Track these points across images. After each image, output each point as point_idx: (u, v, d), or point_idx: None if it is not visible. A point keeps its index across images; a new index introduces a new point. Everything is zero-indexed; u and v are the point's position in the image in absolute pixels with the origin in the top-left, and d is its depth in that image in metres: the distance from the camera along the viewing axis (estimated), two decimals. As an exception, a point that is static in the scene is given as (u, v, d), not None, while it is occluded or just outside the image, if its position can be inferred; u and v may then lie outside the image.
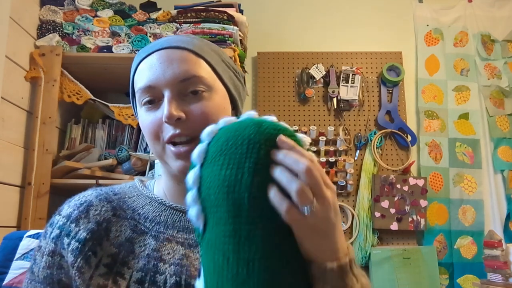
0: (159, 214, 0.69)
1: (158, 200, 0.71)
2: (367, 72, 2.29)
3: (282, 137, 0.50)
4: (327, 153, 2.15)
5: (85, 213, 0.66)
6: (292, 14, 2.39)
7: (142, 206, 0.70)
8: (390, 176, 2.14)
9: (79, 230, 0.65)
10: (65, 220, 0.66)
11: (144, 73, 0.66)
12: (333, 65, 2.27)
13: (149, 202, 0.70)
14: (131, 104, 0.74)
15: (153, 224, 0.67)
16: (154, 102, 0.66)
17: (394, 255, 2.05)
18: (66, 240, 0.64)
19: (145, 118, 0.67)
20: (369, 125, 2.24)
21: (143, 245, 0.65)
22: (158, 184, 0.75)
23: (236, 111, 0.74)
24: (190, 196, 0.52)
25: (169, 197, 0.71)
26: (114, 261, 0.63)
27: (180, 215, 0.69)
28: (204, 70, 0.67)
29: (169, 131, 0.64)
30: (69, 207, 0.68)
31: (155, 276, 0.62)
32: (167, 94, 0.64)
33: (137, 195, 0.72)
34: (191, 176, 0.53)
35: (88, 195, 0.70)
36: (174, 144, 0.64)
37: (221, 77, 0.70)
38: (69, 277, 0.63)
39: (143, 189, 0.73)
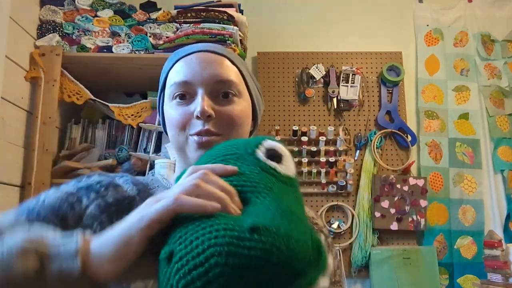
0: None
1: None
2: (367, 72, 2.29)
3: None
4: (327, 153, 2.15)
5: (113, 185, 0.68)
6: (292, 14, 2.39)
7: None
8: (390, 176, 2.14)
9: (107, 194, 0.66)
10: (95, 183, 0.67)
11: (182, 70, 0.71)
12: (333, 65, 2.27)
13: None
14: (157, 100, 0.78)
15: None
16: (185, 97, 0.70)
17: (394, 255, 2.05)
18: (93, 195, 0.65)
19: (175, 110, 0.70)
20: (369, 125, 2.24)
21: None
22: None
23: (255, 122, 0.79)
24: None
25: None
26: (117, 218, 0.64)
27: None
28: (237, 77, 0.72)
29: (197, 126, 0.67)
30: (99, 176, 0.70)
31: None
32: (201, 91, 0.68)
33: (157, 186, 0.74)
34: None
35: (114, 176, 0.72)
36: (198, 136, 0.68)
37: (248, 87, 0.75)
38: (74, 220, 0.62)
39: (164, 182, 0.75)
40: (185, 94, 0.70)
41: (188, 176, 0.48)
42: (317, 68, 2.26)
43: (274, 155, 0.52)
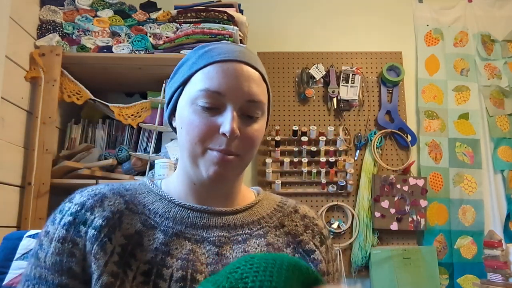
0: (168, 210, 0.70)
1: (167, 198, 0.72)
2: (367, 72, 2.29)
3: None
4: (327, 153, 2.15)
5: (99, 202, 0.67)
6: (292, 14, 2.39)
7: (152, 202, 0.71)
8: (390, 176, 2.14)
9: (95, 218, 0.65)
10: (79, 208, 0.66)
11: (217, 77, 0.66)
12: (333, 65, 2.27)
13: (159, 199, 0.72)
14: (172, 94, 0.73)
15: (163, 219, 0.68)
16: (211, 107, 0.66)
17: (394, 255, 2.06)
18: (82, 228, 0.64)
19: (199, 117, 0.66)
20: (369, 125, 2.24)
21: (152, 239, 0.65)
22: (166, 184, 0.76)
23: None
24: None
25: (177, 196, 0.73)
26: (123, 252, 0.63)
27: (189, 212, 0.70)
28: (265, 97, 0.71)
29: (221, 143, 0.65)
30: (81, 196, 0.68)
31: (161, 270, 0.63)
32: (231, 107, 0.65)
33: (147, 192, 0.73)
34: None
35: (100, 188, 0.70)
36: (219, 152, 0.66)
37: (269, 107, 0.74)
38: (81, 266, 0.63)
39: (153, 187, 0.75)
40: (213, 105, 0.66)
41: None
42: (317, 68, 2.26)
43: None
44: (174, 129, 0.75)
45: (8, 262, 1.03)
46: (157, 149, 1.87)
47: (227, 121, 0.64)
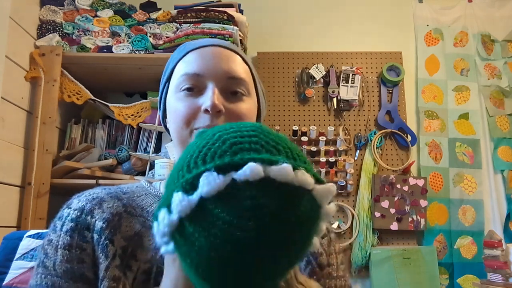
0: None
1: None
2: (367, 72, 2.29)
3: None
4: (327, 153, 2.15)
5: (98, 205, 0.66)
6: (292, 14, 2.39)
7: (151, 205, 0.71)
8: (390, 176, 2.14)
9: (96, 221, 0.64)
10: (79, 213, 0.66)
11: (194, 61, 0.68)
12: (333, 65, 2.27)
13: (157, 201, 0.71)
14: (160, 91, 0.75)
15: None
16: (193, 90, 0.67)
17: (394, 255, 2.05)
18: (88, 234, 0.64)
19: (181, 102, 0.67)
20: (369, 125, 2.24)
21: (152, 238, 0.65)
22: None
23: None
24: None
25: None
26: (124, 254, 0.63)
27: None
28: (247, 76, 0.71)
29: (205, 120, 0.64)
30: (79, 201, 0.68)
31: (161, 267, 0.62)
32: (211, 85, 0.66)
33: (145, 194, 0.73)
34: None
35: (98, 192, 0.70)
36: None
37: (256, 87, 0.74)
38: (92, 271, 0.62)
39: (150, 189, 0.74)
40: (194, 87, 0.67)
41: None
42: (317, 68, 2.26)
43: None
44: (168, 131, 0.74)
45: (8, 262, 1.02)
46: (157, 149, 1.87)
47: (207, 97, 0.64)
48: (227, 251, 0.39)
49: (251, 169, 0.39)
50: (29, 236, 1.05)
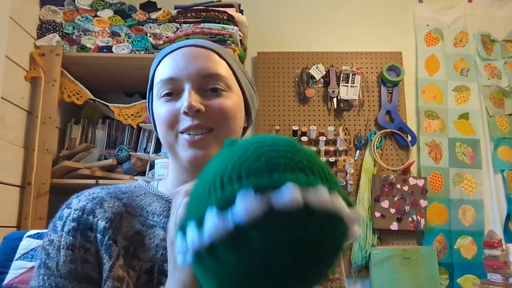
0: (166, 209, 0.70)
1: (164, 197, 0.72)
2: (367, 72, 2.29)
3: None
4: (327, 153, 2.15)
5: (99, 205, 0.66)
6: (292, 14, 2.39)
7: (150, 204, 0.71)
8: (390, 176, 2.14)
9: (98, 220, 0.64)
10: (80, 213, 0.65)
11: (168, 66, 0.69)
12: (333, 65, 2.27)
13: (156, 200, 0.72)
14: (147, 100, 0.76)
15: (161, 218, 0.68)
16: (173, 94, 0.67)
17: (394, 255, 2.05)
18: (91, 234, 0.64)
19: (163, 108, 0.68)
20: (369, 125, 2.24)
21: (153, 237, 0.66)
22: (163, 184, 0.76)
23: (248, 117, 0.76)
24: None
25: (173, 195, 0.72)
26: (126, 253, 0.63)
27: None
28: (225, 71, 0.70)
29: (186, 122, 0.65)
30: (79, 200, 0.68)
31: (162, 265, 0.63)
32: (188, 86, 0.66)
33: (144, 193, 0.73)
34: None
35: (97, 191, 0.70)
36: (189, 134, 0.66)
37: (239, 81, 0.73)
38: (97, 271, 0.62)
39: (149, 188, 0.74)
40: (173, 91, 0.67)
41: None
42: (317, 68, 2.26)
43: None
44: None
45: (8, 262, 1.02)
46: (157, 149, 1.87)
47: (184, 99, 0.65)
48: (260, 276, 0.39)
49: (290, 195, 0.38)
50: (29, 236, 1.05)
